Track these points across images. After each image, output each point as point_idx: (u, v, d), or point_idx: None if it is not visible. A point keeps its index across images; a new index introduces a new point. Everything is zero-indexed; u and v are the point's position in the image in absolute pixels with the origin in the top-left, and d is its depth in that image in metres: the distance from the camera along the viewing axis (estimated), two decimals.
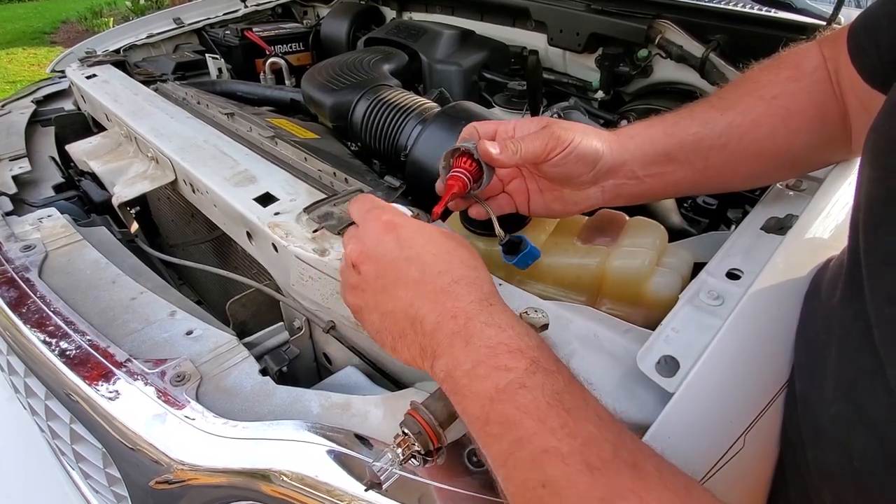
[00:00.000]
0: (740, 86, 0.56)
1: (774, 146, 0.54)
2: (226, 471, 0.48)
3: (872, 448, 0.36)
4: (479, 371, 0.37)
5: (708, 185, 0.59)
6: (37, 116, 1.25)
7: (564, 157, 0.51)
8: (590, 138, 0.53)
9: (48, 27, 7.09)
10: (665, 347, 0.46)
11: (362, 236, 0.46)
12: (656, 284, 0.60)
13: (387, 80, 1.11)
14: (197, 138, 0.91)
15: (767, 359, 0.48)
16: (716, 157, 0.54)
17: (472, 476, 0.46)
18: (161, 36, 1.57)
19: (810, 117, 0.53)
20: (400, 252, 0.43)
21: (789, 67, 0.55)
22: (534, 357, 0.37)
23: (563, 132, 0.51)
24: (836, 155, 0.60)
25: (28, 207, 0.91)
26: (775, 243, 0.54)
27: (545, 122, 0.54)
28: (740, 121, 0.53)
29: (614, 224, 0.67)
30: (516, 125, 0.55)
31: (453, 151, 0.55)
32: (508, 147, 0.51)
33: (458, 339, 0.39)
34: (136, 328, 0.63)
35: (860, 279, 0.38)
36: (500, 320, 0.39)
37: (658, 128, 0.55)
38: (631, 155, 0.54)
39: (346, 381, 0.62)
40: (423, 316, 0.41)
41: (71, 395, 0.57)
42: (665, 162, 0.54)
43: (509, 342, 0.37)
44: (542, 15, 1.31)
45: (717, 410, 0.44)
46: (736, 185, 0.61)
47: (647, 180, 0.56)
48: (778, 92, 0.53)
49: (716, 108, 0.55)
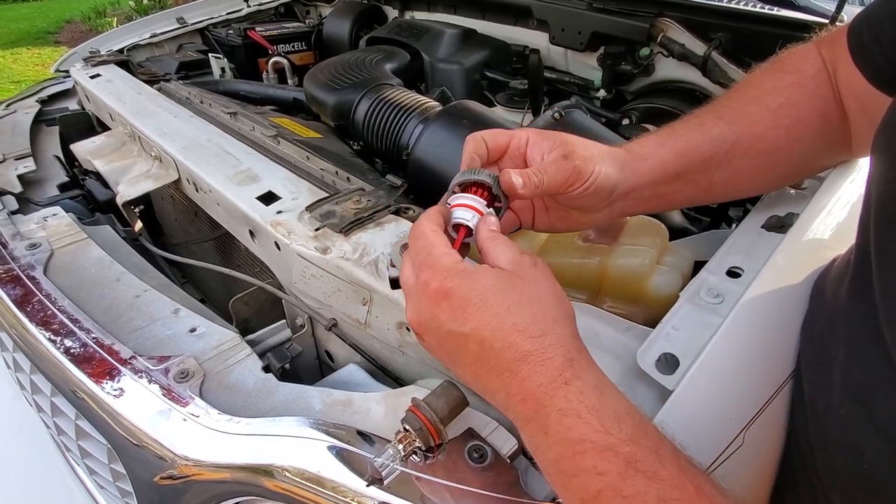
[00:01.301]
0: (745, 91, 0.55)
1: (776, 159, 0.54)
2: (229, 466, 0.49)
3: (883, 451, 0.35)
4: (563, 466, 0.33)
5: (707, 199, 0.58)
6: (41, 116, 1.26)
7: (583, 192, 0.48)
8: (608, 167, 0.49)
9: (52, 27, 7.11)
10: (665, 345, 0.46)
11: (416, 306, 0.40)
12: (657, 283, 0.60)
13: (389, 80, 1.11)
14: (200, 137, 0.91)
15: (767, 357, 0.48)
16: (720, 174, 0.54)
17: (474, 472, 0.46)
18: (164, 36, 1.57)
19: (812, 125, 0.53)
20: (455, 326, 0.37)
21: (792, 72, 0.54)
22: (629, 455, 0.31)
23: (584, 165, 0.47)
24: (835, 159, 0.60)
25: (33, 206, 0.92)
26: (776, 242, 0.54)
27: (562, 146, 0.48)
28: (746, 134, 0.52)
29: (615, 223, 0.67)
30: (529, 140, 0.49)
31: (472, 183, 0.46)
32: (532, 180, 0.45)
33: (533, 427, 0.35)
34: (141, 325, 0.64)
35: (869, 279, 0.38)
36: (580, 405, 0.33)
37: (670, 148, 0.53)
38: (643, 179, 0.52)
39: (347, 378, 0.62)
40: (492, 391, 0.37)
41: (76, 391, 0.57)
42: (672, 182, 0.53)
43: (595, 438, 0.32)
44: (544, 14, 1.31)
45: (716, 407, 0.44)
46: (734, 197, 0.60)
47: (652, 200, 0.54)
48: (783, 100, 0.52)
49: (724, 119, 0.53)
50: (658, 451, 0.32)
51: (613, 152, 0.51)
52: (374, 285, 0.57)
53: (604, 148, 0.50)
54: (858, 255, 0.42)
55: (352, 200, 0.69)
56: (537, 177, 0.45)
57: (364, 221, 0.66)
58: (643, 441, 0.32)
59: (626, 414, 0.33)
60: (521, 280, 0.38)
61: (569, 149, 0.47)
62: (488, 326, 0.36)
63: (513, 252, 0.40)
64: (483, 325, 0.36)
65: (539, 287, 0.38)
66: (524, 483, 0.46)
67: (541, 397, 0.34)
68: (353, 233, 0.64)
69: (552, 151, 0.48)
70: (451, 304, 0.37)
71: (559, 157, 0.47)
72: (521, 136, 0.49)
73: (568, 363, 0.35)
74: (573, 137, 0.50)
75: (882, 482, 0.35)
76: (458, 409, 0.47)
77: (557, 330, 0.36)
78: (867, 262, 0.39)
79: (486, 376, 0.37)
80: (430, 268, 0.39)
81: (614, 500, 0.31)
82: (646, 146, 0.53)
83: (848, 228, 0.58)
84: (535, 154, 0.48)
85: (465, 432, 0.48)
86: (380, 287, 0.57)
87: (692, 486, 0.31)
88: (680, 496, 0.30)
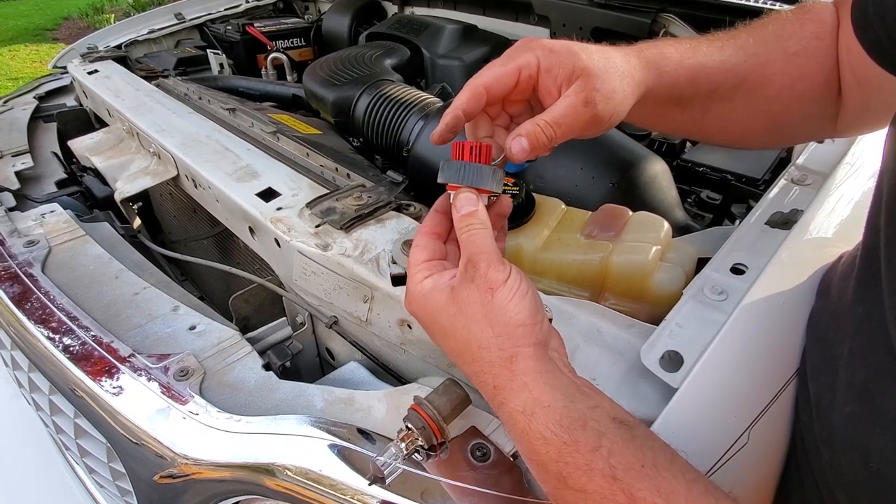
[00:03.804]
0: (767, 29, 0.52)
1: (773, 109, 0.52)
2: (230, 465, 0.48)
3: (890, 449, 0.35)
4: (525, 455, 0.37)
5: (691, 133, 0.57)
6: (39, 112, 1.25)
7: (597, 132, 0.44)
8: (627, 100, 0.44)
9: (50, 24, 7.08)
10: (669, 342, 0.46)
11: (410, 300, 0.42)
12: (660, 279, 0.60)
13: (389, 76, 1.10)
14: (199, 134, 0.91)
15: (772, 354, 0.48)
16: (717, 108, 0.52)
17: (476, 470, 0.45)
18: (162, 31, 1.56)
19: (816, 84, 0.51)
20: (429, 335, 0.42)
21: (814, 21, 0.51)
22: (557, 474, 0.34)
23: (605, 108, 0.42)
24: (821, 131, 0.57)
25: (31, 203, 0.91)
26: (780, 238, 0.53)
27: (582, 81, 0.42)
28: (757, 73, 0.50)
29: (618, 219, 0.66)
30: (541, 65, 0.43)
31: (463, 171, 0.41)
32: (540, 140, 0.41)
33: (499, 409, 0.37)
34: (140, 323, 0.64)
35: (877, 275, 0.37)
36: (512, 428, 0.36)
37: (688, 68, 0.49)
38: (650, 97, 0.48)
39: (349, 376, 0.62)
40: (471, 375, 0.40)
41: (75, 390, 0.57)
42: (673, 106, 0.51)
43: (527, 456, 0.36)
44: (545, 9, 1.30)
45: (721, 406, 0.43)
46: (715, 142, 0.59)
47: (650, 118, 0.53)
48: (799, 49, 0.50)
49: (744, 50, 0.50)
50: (588, 465, 0.32)
51: (633, 72, 0.45)
52: (376, 282, 0.57)
53: (624, 68, 0.44)
54: (865, 251, 0.41)
55: (352, 197, 0.68)
56: (546, 133, 0.41)
57: (365, 218, 0.65)
58: (570, 458, 0.33)
59: (553, 434, 0.34)
60: (454, 305, 0.38)
61: (590, 87, 0.42)
62: (441, 344, 0.41)
63: (462, 260, 0.39)
64: (439, 342, 0.41)
65: (469, 310, 0.38)
66: (527, 482, 0.46)
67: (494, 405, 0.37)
68: (353, 229, 0.64)
69: (570, 88, 0.42)
70: (420, 321, 0.42)
71: (579, 103, 0.41)
72: (530, 65, 0.43)
73: (495, 391, 0.37)
74: (594, 59, 0.43)
75: (889, 480, 0.35)
76: (460, 408, 0.47)
77: (484, 357, 0.37)
78: (875, 258, 0.38)
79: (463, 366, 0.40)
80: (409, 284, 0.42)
81: None
82: (668, 59, 0.48)
83: (854, 225, 0.57)
84: (550, 85, 0.43)
85: (468, 430, 0.48)
86: (381, 284, 0.57)
87: (623, 495, 0.31)
88: None
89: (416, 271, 0.41)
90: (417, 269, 0.41)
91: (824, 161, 0.66)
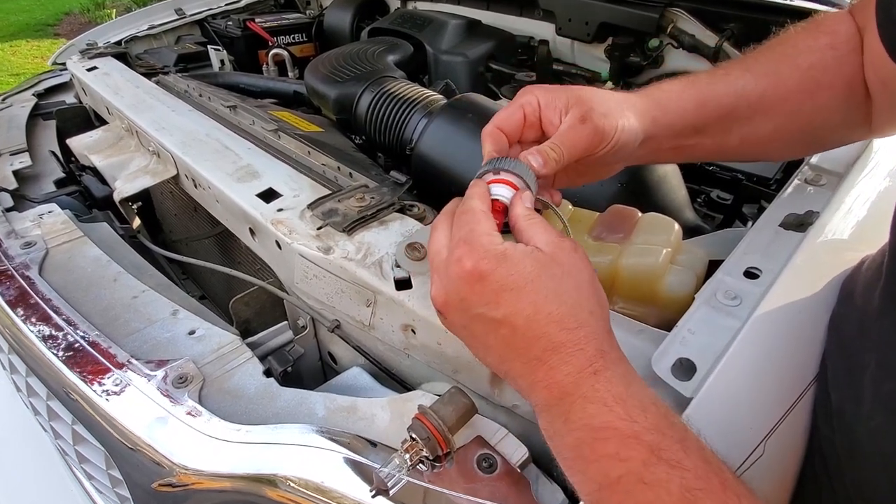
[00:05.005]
0: (777, 49, 0.52)
1: (796, 124, 0.52)
2: (230, 476, 0.47)
3: None
4: (583, 451, 0.33)
5: (720, 157, 0.56)
6: (38, 110, 1.23)
7: (608, 152, 0.46)
8: (630, 119, 0.46)
9: (51, 19, 7.06)
10: (681, 349, 0.44)
11: (445, 283, 0.38)
12: (670, 283, 0.58)
13: (391, 72, 1.09)
14: (199, 132, 0.89)
15: (789, 362, 0.46)
16: (739, 130, 0.51)
17: (482, 482, 0.44)
18: (162, 27, 1.55)
19: (837, 93, 0.50)
20: (486, 310, 0.36)
21: (828, 33, 0.51)
22: (652, 444, 0.31)
23: (604, 123, 0.44)
24: (854, 135, 0.56)
25: (28, 203, 0.90)
26: (795, 241, 0.52)
27: (577, 104, 0.45)
28: (773, 92, 0.50)
29: (626, 220, 0.65)
30: (540, 102, 0.46)
31: None
32: (551, 157, 0.43)
33: (554, 413, 0.34)
34: (138, 328, 0.62)
35: None
36: (607, 394, 0.33)
37: (691, 96, 0.50)
38: (661, 129, 0.49)
39: (351, 381, 0.60)
40: (514, 376, 0.37)
41: (71, 395, 0.56)
42: (691, 135, 0.51)
43: (620, 425, 0.32)
44: (551, 4, 1.28)
45: (736, 416, 0.42)
46: (746, 159, 0.59)
47: (670, 153, 0.52)
48: (814, 61, 0.50)
49: (752, 72, 0.51)
50: (683, 442, 0.31)
51: (631, 100, 0.48)
52: (379, 287, 0.56)
53: (620, 96, 0.48)
54: (892, 258, 0.39)
55: (355, 198, 0.67)
56: (556, 151, 0.44)
57: (368, 220, 0.64)
58: (668, 431, 0.32)
59: (653, 404, 0.33)
60: (559, 267, 0.37)
61: (585, 107, 0.45)
62: (522, 314, 0.35)
63: (551, 234, 0.39)
64: (517, 313, 0.35)
65: (578, 276, 0.37)
66: (535, 493, 0.44)
67: (566, 386, 0.34)
68: (356, 232, 0.62)
69: (568, 112, 0.45)
70: (485, 287, 0.36)
71: (575, 120, 0.44)
72: (531, 103, 0.47)
73: (599, 354, 0.35)
74: (587, 90, 0.46)
75: None
76: (466, 417, 0.46)
77: (592, 323, 0.36)
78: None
79: (512, 362, 0.36)
80: (467, 245, 0.37)
81: (635, 486, 0.30)
82: (666, 93, 0.50)
83: (872, 228, 0.56)
84: (551, 116, 0.46)
85: (474, 440, 0.47)
86: (384, 288, 0.55)
87: (717, 480, 0.30)
88: (704, 486, 0.30)
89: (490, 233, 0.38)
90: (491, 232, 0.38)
91: (838, 160, 0.64)
